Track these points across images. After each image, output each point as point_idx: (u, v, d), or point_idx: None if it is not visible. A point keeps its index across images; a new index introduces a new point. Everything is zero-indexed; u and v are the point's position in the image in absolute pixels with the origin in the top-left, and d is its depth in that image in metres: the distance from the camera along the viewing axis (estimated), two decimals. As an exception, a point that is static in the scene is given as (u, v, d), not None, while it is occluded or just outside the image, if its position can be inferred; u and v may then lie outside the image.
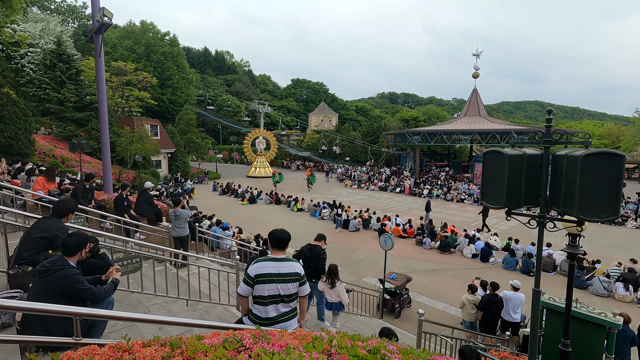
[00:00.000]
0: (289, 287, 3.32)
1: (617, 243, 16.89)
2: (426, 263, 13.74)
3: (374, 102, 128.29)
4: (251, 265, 3.35)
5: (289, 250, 12.45)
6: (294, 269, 3.37)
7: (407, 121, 61.95)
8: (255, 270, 3.27)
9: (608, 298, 10.80)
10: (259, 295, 3.26)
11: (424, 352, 2.10)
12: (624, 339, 6.13)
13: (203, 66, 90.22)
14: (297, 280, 3.36)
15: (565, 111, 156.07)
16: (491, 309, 7.53)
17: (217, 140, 64.04)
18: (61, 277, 2.98)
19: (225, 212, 21.60)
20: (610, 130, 63.40)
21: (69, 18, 53.61)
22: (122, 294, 5.29)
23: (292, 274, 3.33)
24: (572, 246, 4.06)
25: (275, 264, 3.32)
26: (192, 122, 42.58)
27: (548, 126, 3.29)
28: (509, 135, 31.97)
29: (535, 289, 3.40)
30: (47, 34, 33.83)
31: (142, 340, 1.79)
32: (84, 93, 27.64)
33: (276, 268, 3.30)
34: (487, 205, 3.44)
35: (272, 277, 3.25)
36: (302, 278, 3.39)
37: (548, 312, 5.19)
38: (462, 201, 28.52)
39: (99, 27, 10.60)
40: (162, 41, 55.15)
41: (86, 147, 17.78)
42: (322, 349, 1.73)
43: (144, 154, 27.28)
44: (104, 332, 3.58)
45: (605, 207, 2.73)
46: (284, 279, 3.29)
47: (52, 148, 22.68)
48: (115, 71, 35.77)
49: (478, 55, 40.47)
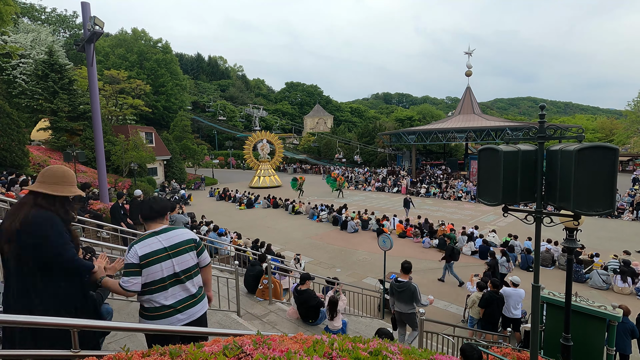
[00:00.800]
0: (187, 259, 2.75)
1: (614, 236, 17.00)
2: (426, 262, 13.75)
3: (369, 103, 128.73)
4: (130, 250, 2.64)
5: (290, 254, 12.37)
6: (186, 236, 2.82)
7: (402, 121, 62.18)
8: (141, 251, 2.59)
9: (607, 291, 10.86)
10: (155, 280, 2.61)
11: (425, 352, 2.10)
12: (624, 331, 6.15)
13: (196, 72, 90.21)
14: (194, 249, 2.82)
15: (558, 106, 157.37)
16: (492, 305, 7.53)
17: (213, 146, 63.94)
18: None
19: (223, 217, 21.54)
20: (603, 124, 64.03)
21: (60, 28, 53.40)
22: (121, 304, 5.25)
23: (186, 242, 2.78)
24: (570, 240, 4.08)
25: (161, 236, 2.71)
26: (187, 128, 42.51)
27: (541, 122, 3.31)
28: (503, 132, 32.16)
29: (534, 285, 3.41)
30: (39, 45, 33.66)
31: (142, 351, 1.77)
32: (77, 102, 27.52)
33: (165, 241, 2.69)
34: (483, 201, 3.44)
35: (167, 252, 2.65)
36: (198, 245, 2.86)
37: (548, 307, 5.21)
38: (459, 199, 28.61)
39: (90, 36, 10.58)
40: (155, 48, 55.09)
41: (81, 157, 17.69)
42: (323, 352, 1.72)
43: (140, 161, 27.16)
44: (103, 343, 3.54)
45: (601, 201, 2.75)
46: (178, 250, 2.71)
47: (47, 159, 22.53)
48: (108, 80, 35.65)
49: (470, 53, 40.74)
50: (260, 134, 37.76)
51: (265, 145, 37.26)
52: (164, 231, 2.75)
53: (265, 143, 37.29)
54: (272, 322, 6.46)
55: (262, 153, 37.20)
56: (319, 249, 15.61)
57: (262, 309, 7.11)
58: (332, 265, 13.20)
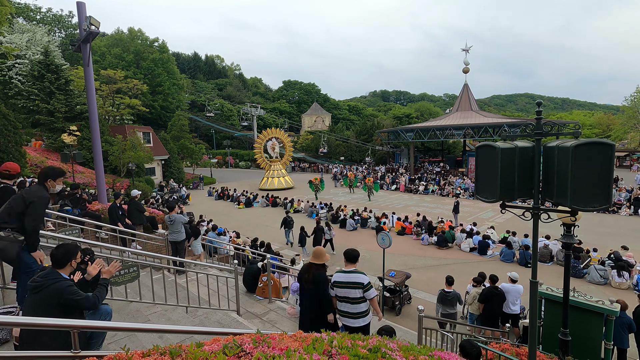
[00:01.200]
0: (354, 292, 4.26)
1: (612, 231, 17.07)
2: (424, 259, 13.79)
3: (367, 101, 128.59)
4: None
5: (289, 253, 12.40)
6: (359, 280, 4.28)
7: (400, 118, 62.16)
8: (333, 279, 4.45)
9: (605, 286, 10.92)
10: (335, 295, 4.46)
11: (424, 349, 2.11)
12: (622, 325, 6.20)
13: (193, 71, 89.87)
14: (360, 288, 4.25)
15: (555, 102, 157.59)
16: (491, 301, 7.57)
17: (211, 145, 63.79)
18: (55, 290, 2.93)
19: (222, 217, 21.52)
20: (601, 119, 64.19)
21: (56, 28, 53.06)
22: (120, 304, 5.25)
23: (357, 283, 4.26)
24: (567, 236, 4.10)
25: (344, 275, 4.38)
26: (185, 127, 42.39)
27: (538, 118, 3.32)
28: (501, 129, 32.21)
29: (532, 280, 3.43)
30: (34, 45, 33.50)
31: (142, 350, 1.77)
32: (74, 103, 27.42)
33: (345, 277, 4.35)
34: (481, 198, 3.45)
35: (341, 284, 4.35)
36: (366, 286, 4.26)
37: (546, 302, 5.24)
38: (458, 196, 28.66)
39: (86, 36, 10.52)
40: (151, 48, 54.82)
41: (78, 157, 17.64)
42: (322, 350, 1.73)
43: (138, 161, 27.11)
44: (103, 344, 3.54)
45: (598, 196, 2.76)
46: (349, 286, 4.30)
47: (44, 159, 22.45)
48: (105, 79, 35.51)
49: (467, 50, 40.72)
50: (270, 132, 34.83)
51: (275, 144, 34.71)
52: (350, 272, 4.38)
53: (275, 141, 34.75)
54: (272, 321, 6.48)
55: (273, 152, 34.67)
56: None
57: (262, 307, 7.13)
58: (332, 264, 13.21)
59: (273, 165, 34.40)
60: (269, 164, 34.35)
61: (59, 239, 6.27)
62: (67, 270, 3.21)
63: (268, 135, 34.50)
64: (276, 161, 34.75)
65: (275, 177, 33.63)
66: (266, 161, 34.46)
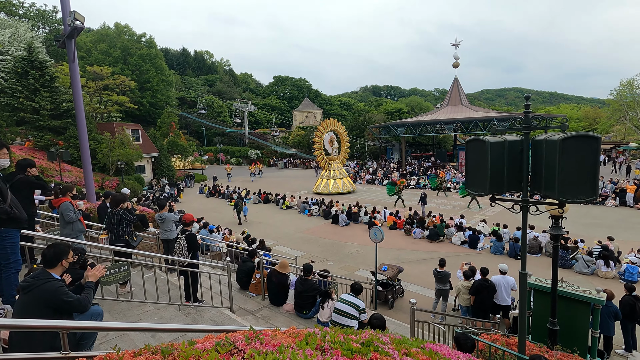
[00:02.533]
0: (351, 309, 5.61)
1: (598, 222, 17.45)
2: (416, 253, 13.92)
3: (358, 96, 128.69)
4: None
5: (283, 249, 12.36)
6: (356, 302, 5.70)
7: (391, 113, 62.34)
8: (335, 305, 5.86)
9: (592, 276, 11.17)
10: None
11: (416, 341, 2.13)
12: (608, 314, 6.36)
13: (182, 67, 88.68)
14: (357, 309, 5.62)
15: (543, 96, 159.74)
16: (482, 293, 7.69)
17: (202, 142, 63.20)
18: (46, 290, 2.89)
19: (214, 214, 21.40)
20: (587, 113, 65.27)
21: (39, 23, 51.66)
22: (111, 303, 5.19)
23: (355, 305, 5.65)
24: (555, 228, 4.17)
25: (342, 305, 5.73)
26: (175, 124, 41.89)
27: (527, 112, 3.36)
28: (490, 123, 32.53)
29: (521, 272, 3.49)
30: (17, 41, 32.60)
31: (133, 350, 1.76)
32: (60, 100, 26.79)
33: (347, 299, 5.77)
34: (471, 191, 3.49)
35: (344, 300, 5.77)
36: (362, 309, 5.64)
37: (535, 293, 5.34)
38: (449, 189, 28.93)
39: (70, 32, 10.28)
40: (139, 43, 53.82)
41: (65, 156, 17.31)
42: (315, 345, 1.73)
43: (127, 159, 26.71)
44: (94, 344, 3.51)
45: (584, 189, 2.81)
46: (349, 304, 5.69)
47: (30, 158, 21.96)
48: (92, 76, 34.78)
49: (457, 45, 40.92)
50: (329, 123, 28.82)
51: (333, 138, 29.18)
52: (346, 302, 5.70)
53: (333, 135, 29.17)
54: (265, 317, 6.48)
55: (331, 148, 29.07)
56: (311, 243, 15.66)
57: (255, 304, 7.12)
58: (325, 259, 13.26)
59: (333, 165, 28.81)
60: (328, 163, 28.73)
61: (47, 239, 6.17)
62: (59, 270, 3.18)
63: (328, 127, 28.54)
64: (335, 159, 29.11)
65: (336, 178, 28.40)
66: (325, 159, 28.73)
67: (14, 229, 4.03)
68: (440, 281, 9.11)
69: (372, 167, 40.66)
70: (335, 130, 29.17)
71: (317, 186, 28.70)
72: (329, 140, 28.92)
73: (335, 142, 29.35)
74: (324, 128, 28.37)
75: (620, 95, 39.88)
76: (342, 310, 5.63)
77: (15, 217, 3.90)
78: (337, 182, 28.30)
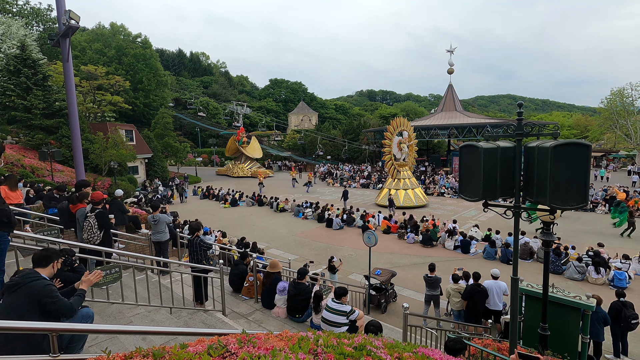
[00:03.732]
0: (339, 318, 5.60)
1: (589, 228, 17.67)
2: (410, 257, 13.96)
3: (353, 100, 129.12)
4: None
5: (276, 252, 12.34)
6: (342, 309, 5.66)
7: (386, 118, 62.49)
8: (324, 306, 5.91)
9: (582, 282, 11.29)
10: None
11: (409, 345, 2.14)
12: (597, 319, 6.43)
13: (178, 68, 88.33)
14: (344, 315, 5.61)
15: (536, 104, 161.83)
16: (474, 298, 7.72)
17: (196, 144, 62.86)
18: (33, 288, 2.85)
19: (207, 216, 21.27)
20: (579, 120, 66.28)
21: (33, 21, 51.15)
22: (102, 306, 5.12)
23: (341, 311, 5.63)
24: (546, 234, 4.22)
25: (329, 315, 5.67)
26: (169, 125, 41.64)
27: (519, 119, 3.41)
28: (484, 129, 32.87)
29: (513, 277, 3.52)
30: (10, 38, 32.23)
31: (124, 353, 1.74)
32: (53, 99, 26.52)
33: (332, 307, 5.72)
34: (464, 197, 3.52)
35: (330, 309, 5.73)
36: (349, 312, 5.63)
37: (527, 298, 5.38)
38: (442, 195, 29.14)
39: (65, 31, 10.19)
40: (134, 43, 53.59)
41: (57, 155, 17.11)
42: (308, 349, 1.73)
43: (120, 160, 26.48)
44: (84, 347, 3.46)
45: (575, 195, 2.85)
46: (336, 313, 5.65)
47: (21, 157, 21.67)
48: (85, 75, 34.50)
49: (452, 51, 41.33)
50: (399, 122, 24.02)
51: (402, 140, 23.83)
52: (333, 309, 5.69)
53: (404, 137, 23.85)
54: (257, 320, 6.44)
55: (400, 152, 24.00)
56: (304, 246, 15.63)
57: (248, 307, 7.08)
58: (318, 262, 13.23)
59: (402, 172, 24.18)
60: (397, 170, 24.09)
61: (37, 239, 6.08)
62: (47, 271, 3.14)
63: (398, 128, 23.77)
64: (404, 165, 24.28)
65: (402, 189, 23.58)
66: (394, 165, 24.09)
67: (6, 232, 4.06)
68: (431, 286, 9.05)
69: (367, 171, 40.76)
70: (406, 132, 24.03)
71: (382, 198, 24.01)
72: (398, 143, 23.78)
73: (405, 147, 24.01)
74: (394, 128, 23.57)
75: (611, 103, 40.61)
76: (330, 320, 5.60)
77: (12, 222, 3.96)
78: (409, 194, 23.72)
